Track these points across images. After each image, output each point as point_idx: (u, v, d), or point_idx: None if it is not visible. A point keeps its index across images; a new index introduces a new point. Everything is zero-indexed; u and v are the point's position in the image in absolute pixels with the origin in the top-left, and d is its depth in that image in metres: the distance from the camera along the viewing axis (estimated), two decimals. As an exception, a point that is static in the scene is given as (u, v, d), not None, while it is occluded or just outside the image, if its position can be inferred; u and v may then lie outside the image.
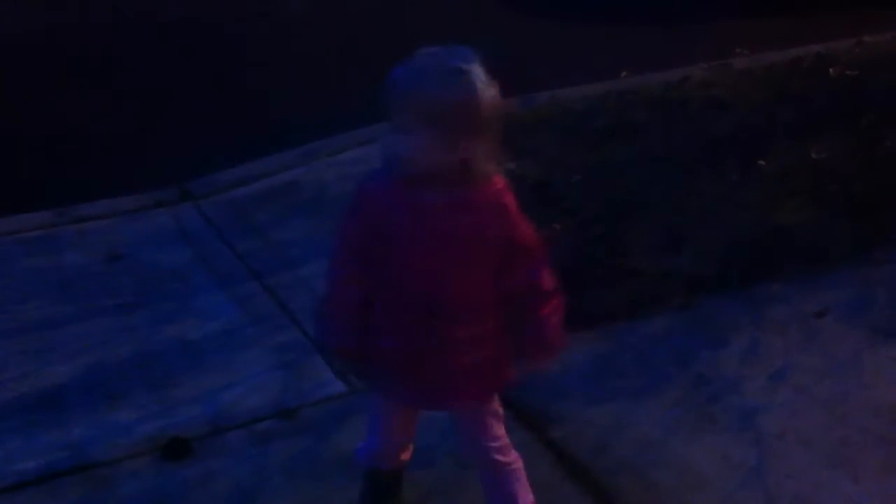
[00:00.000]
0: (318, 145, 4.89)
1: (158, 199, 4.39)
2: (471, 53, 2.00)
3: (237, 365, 3.24)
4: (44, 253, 3.96)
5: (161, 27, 6.90)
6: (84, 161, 4.94)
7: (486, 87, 1.97)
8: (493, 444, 2.33)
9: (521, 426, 2.88)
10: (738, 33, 6.32)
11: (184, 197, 4.42)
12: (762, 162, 4.41)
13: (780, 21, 6.81)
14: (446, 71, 1.97)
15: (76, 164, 4.92)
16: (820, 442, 2.84)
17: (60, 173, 4.81)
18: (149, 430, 2.91)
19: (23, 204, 4.34)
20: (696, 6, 7.24)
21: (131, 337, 3.39)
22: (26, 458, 2.81)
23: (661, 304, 3.50)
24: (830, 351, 3.25)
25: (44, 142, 5.19)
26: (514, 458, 2.37)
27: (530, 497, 2.39)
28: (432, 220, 2.06)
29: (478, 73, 1.97)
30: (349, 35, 6.76)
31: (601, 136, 4.80)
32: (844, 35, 6.06)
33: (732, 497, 2.64)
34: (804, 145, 4.58)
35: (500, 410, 2.35)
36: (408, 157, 2.01)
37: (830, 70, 5.47)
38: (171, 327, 3.44)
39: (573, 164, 4.48)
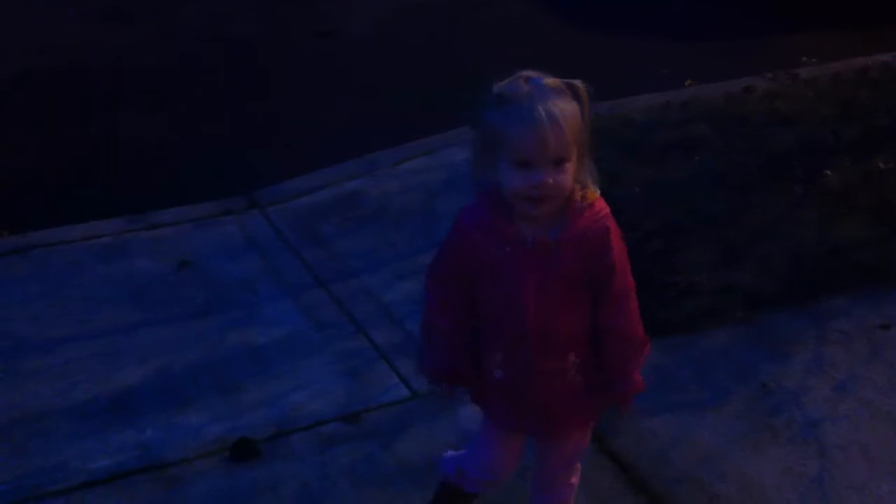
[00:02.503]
0: (380, 155, 4.95)
1: (227, 207, 4.48)
2: (557, 80, 1.99)
3: (302, 370, 3.31)
4: (116, 259, 4.07)
5: (227, 45, 7.04)
6: (154, 171, 5.07)
7: (585, 110, 1.99)
8: (561, 473, 2.38)
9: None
10: (803, 46, 6.26)
11: (251, 206, 4.51)
12: (827, 173, 4.37)
13: (846, 33, 6.72)
14: (555, 104, 1.95)
15: (144, 172, 5.05)
16: (883, 455, 2.82)
17: (129, 181, 4.95)
18: (217, 432, 2.99)
19: (95, 211, 4.47)
20: (759, 19, 7.18)
21: (200, 342, 3.48)
22: (99, 458, 2.90)
23: (720, 318, 3.50)
24: (895, 364, 3.23)
25: (112, 151, 5.35)
26: (573, 483, 2.41)
27: None
28: (537, 254, 2.05)
29: (580, 97, 1.99)
30: (403, 50, 6.83)
31: (661, 149, 4.79)
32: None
33: (794, 509, 2.65)
34: (868, 159, 4.53)
35: (586, 442, 2.36)
36: (538, 194, 1.98)
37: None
38: (239, 333, 3.52)
39: (633, 177, 4.49)
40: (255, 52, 6.88)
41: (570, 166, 1.99)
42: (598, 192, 2.09)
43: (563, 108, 1.95)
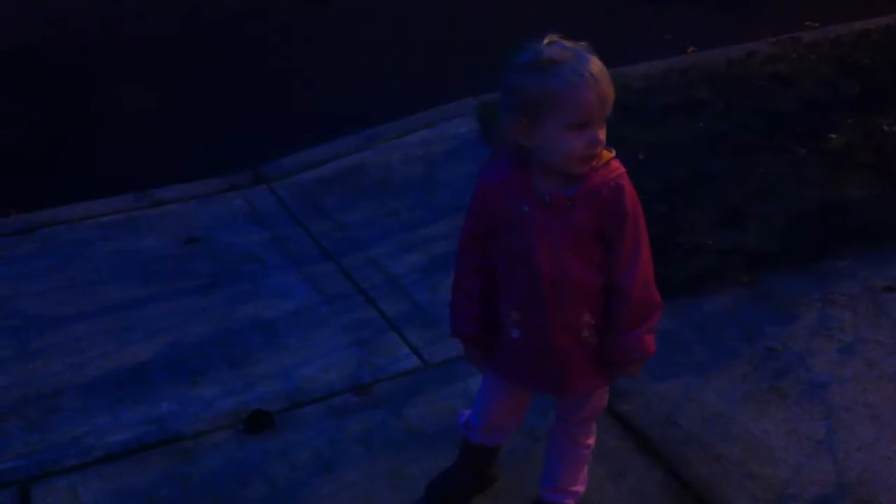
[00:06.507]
0: (382, 129, 4.95)
1: (232, 182, 4.49)
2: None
3: (312, 342, 3.33)
4: (123, 236, 4.09)
5: (227, 17, 7.01)
6: (157, 147, 5.08)
7: None
8: (580, 430, 2.41)
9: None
10: (806, 7, 6.23)
11: (257, 180, 4.52)
12: (830, 134, 4.37)
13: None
14: (600, 65, 1.99)
15: (147, 148, 5.06)
16: (890, 415, 2.85)
17: (133, 158, 4.95)
18: (230, 405, 3.02)
19: (102, 189, 4.47)
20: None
21: (209, 316, 3.50)
22: (114, 432, 2.93)
23: (725, 280, 3.52)
24: (900, 325, 3.25)
25: (114, 126, 5.34)
26: (589, 444, 2.44)
27: (583, 487, 2.48)
28: (554, 209, 2.07)
29: None
30: (404, 17, 6.81)
31: (663, 114, 4.79)
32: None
33: (801, 470, 2.67)
34: (870, 120, 4.53)
35: (605, 402, 2.39)
36: (590, 153, 2.02)
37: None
38: (248, 307, 3.54)
39: (635, 141, 4.49)
40: (255, 21, 6.86)
41: (600, 133, 2.03)
42: (614, 151, 2.11)
43: (603, 65, 1.99)
